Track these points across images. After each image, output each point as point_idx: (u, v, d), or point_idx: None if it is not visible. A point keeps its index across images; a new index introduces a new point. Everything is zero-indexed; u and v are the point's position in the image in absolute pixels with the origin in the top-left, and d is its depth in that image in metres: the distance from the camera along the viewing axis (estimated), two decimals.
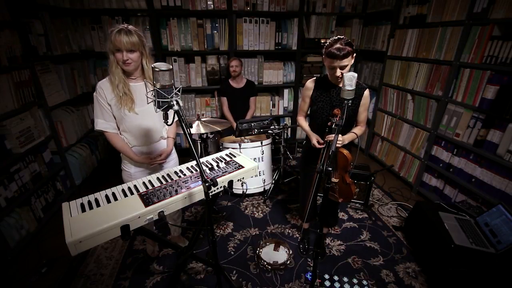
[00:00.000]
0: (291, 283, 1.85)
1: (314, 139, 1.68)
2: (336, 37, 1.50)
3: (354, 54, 1.52)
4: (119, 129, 1.59)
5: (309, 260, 2.03)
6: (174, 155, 1.82)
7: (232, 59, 3.07)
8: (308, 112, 1.85)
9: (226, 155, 1.57)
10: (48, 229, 2.34)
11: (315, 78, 1.73)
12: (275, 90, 3.92)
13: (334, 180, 1.61)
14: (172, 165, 1.77)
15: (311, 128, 1.80)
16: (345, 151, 1.58)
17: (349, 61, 1.49)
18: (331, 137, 1.49)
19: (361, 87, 1.63)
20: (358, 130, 1.71)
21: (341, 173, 1.65)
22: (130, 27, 1.40)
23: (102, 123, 1.52)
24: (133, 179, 1.36)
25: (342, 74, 1.49)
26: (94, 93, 1.49)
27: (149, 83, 1.49)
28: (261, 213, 2.58)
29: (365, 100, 1.66)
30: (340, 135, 1.49)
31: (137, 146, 1.64)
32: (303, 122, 1.84)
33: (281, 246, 2.10)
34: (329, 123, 1.53)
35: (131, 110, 1.49)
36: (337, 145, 1.47)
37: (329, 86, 1.67)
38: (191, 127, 2.39)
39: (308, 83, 1.72)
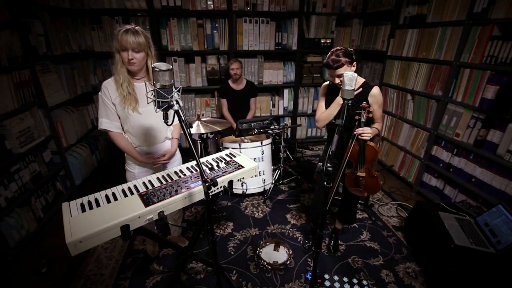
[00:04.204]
0: (291, 283, 1.85)
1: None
2: (335, 48, 1.57)
3: (354, 63, 1.56)
4: (123, 129, 1.59)
5: (309, 260, 2.03)
6: (178, 156, 1.83)
7: (232, 61, 3.01)
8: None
9: (226, 155, 1.57)
10: (48, 229, 2.34)
11: (328, 82, 1.79)
12: (275, 90, 3.92)
13: (361, 174, 1.64)
14: (176, 166, 1.77)
15: (328, 134, 1.89)
16: (372, 144, 1.61)
17: (344, 70, 1.53)
18: (360, 130, 1.52)
19: (369, 85, 1.65)
20: (378, 125, 1.72)
21: (368, 166, 1.68)
22: (137, 28, 1.41)
23: (106, 123, 1.53)
24: (136, 179, 1.36)
25: (340, 81, 1.55)
26: (99, 93, 1.50)
27: (149, 83, 1.50)
28: (261, 213, 2.58)
29: (375, 98, 1.64)
30: (368, 128, 1.54)
31: (141, 146, 1.64)
32: (324, 112, 1.71)
33: (281, 246, 2.10)
34: (356, 117, 1.56)
35: (135, 110, 1.50)
36: (365, 137, 1.53)
37: (337, 89, 1.70)
38: (191, 127, 2.39)
39: (323, 84, 1.81)
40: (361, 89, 1.64)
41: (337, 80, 1.58)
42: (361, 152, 1.60)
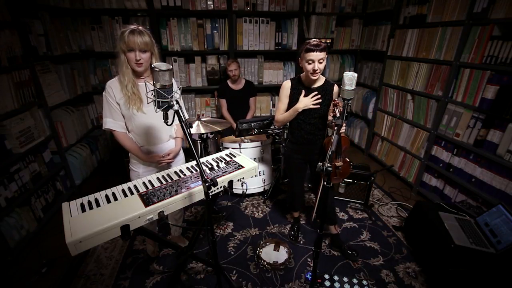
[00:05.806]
0: (291, 283, 1.85)
1: (302, 103, 1.75)
2: (309, 40, 1.67)
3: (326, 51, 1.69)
4: (127, 129, 1.60)
5: (309, 260, 2.03)
6: (181, 155, 1.84)
7: (230, 62, 3.00)
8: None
9: (226, 155, 1.57)
10: (48, 229, 2.34)
11: (290, 79, 1.88)
12: (275, 90, 3.92)
13: (339, 164, 1.72)
14: (180, 165, 1.78)
15: (292, 133, 1.95)
16: (344, 134, 1.71)
17: (324, 56, 1.64)
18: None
19: (330, 83, 1.82)
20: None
21: (345, 155, 1.76)
22: (141, 27, 1.41)
23: (111, 122, 1.53)
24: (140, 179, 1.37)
25: (319, 69, 1.65)
26: (103, 92, 1.51)
27: (149, 82, 1.51)
28: (261, 213, 2.58)
29: (336, 95, 1.80)
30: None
31: (145, 145, 1.64)
32: (283, 114, 1.87)
33: (281, 246, 2.10)
34: (333, 114, 1.60)
35: (140, 109, 1.51)
36: (343, 130, 1.57)
37: (303, 87, 1.81)
38: (191, 127, 2.39)
39: (285, 83, 1.87)
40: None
41: (316, 66, 1.63)
42: (339, 144, 1.66)
